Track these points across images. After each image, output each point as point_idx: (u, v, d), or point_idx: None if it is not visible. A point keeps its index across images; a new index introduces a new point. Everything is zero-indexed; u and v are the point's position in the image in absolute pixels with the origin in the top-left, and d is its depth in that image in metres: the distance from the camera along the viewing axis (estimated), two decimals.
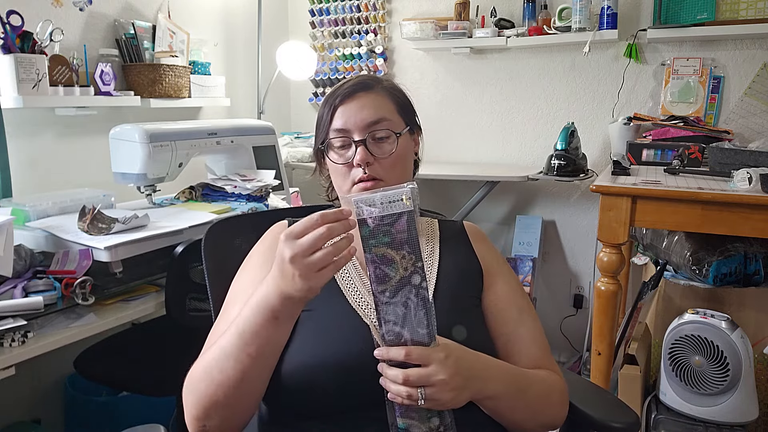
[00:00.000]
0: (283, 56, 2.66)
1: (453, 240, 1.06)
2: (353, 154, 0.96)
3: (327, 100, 1.00)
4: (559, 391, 0.95)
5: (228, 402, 0.81)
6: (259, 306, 0.79)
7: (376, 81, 1.01)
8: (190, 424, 0.84)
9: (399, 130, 0.99)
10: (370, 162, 0.96)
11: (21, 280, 1.37)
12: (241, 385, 0.80)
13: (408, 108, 1.04)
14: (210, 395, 0.81)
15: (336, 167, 0.99)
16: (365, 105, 0.97)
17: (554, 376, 0.95)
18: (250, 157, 2.05)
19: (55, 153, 2.02)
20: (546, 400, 0.92)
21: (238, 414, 0.83)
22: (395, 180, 0.98)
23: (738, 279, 1.87)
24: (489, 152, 2.75)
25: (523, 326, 0.98)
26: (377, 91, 1.00)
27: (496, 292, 1.01)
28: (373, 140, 0.97)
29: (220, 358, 0.81)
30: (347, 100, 0.97)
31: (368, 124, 0.96)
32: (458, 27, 2.54)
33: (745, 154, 1.72)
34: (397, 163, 0.98)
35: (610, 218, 1.61)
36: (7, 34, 1.72)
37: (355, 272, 0.98)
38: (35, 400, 1.97)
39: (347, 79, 1.02)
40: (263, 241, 1.05)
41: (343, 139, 0.97)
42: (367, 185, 0.96)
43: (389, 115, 0.99)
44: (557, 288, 2.69)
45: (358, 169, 0.96)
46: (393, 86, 1.03)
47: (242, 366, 0.79)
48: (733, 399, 1.65)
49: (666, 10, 2.23)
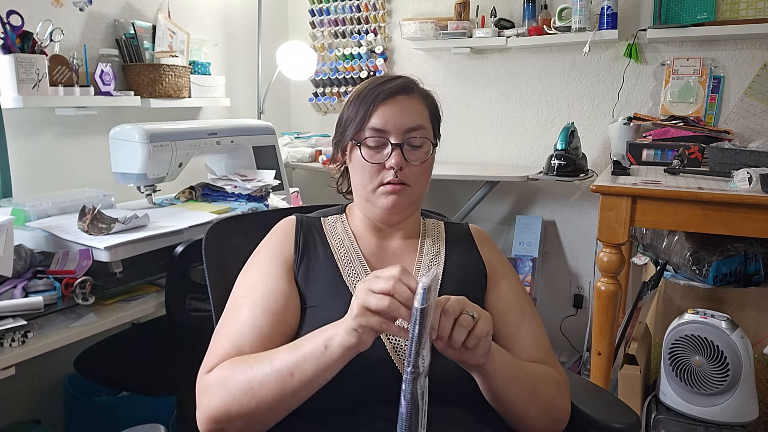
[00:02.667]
0: (283, 56, 2.66)
1: (458, 242, 1.07)
2: (387, 155, 0.97)
3: (365, 97, 0.99)
4: (556, 379, 0.95)
5: (257, 415, 0.81)
6: (319, 345, 0.79)
7: (415, 85, 1.02)
8: (206, 421, 0.83)
9: (433, 139, 1.01)
10: (403, 167, 0.97)
11: (21, 280, 1.37)
12: (278, 404, 0.81)
13: (438, 116, 1.06)
14: (244, 405, 0.81)
15: (365, 165, 0.98)
16: (405, 109, 0.98)
17: (551, 368, 0.96)
18: (250, 157, 2.05)
19: (55, 153, 2.02)
20: (541, 378, 0.92)
21: (259, 426, 0.84)
22: (421, 187, 1.01)
23: (738, 279, 1.87)
24: (489, 152, 2.75)
25: (524, 329, 0.99)
26: (416, 97, 1.01)
27: (499, 294, 1.01)
28: (409, 146, 0.98)
29: (268, 374, 0.80)
30: (388, 100, 0.97)
31: (408, 129, 0.97)
32: (458, 27, 2.54)
33: (745, 154, 1.72)
34: (425, 171, 1.01)
35: (610, 218, 1.61)
36: (7, 34, 1.72)
37: (361, 268, 0.98)
38: (35, 400, 1.97)
39: (385, 77, 1.03)
40: (271, 236, 1.05)
41: (379, 139, 0.97)
42: (396, 188, 0.97)
43: (425, 123, 1.00)
44: (557, 288, 2.69)
45: (389, 171, 0.97)
46: (428, 93, 1.04)
47: (287, 391, 0.80)
48: (733, 399, 1.65)
49: (666, 10, 2.23)
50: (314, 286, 0.97)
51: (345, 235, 1.05)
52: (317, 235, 1.04)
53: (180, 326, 1.46)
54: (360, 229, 1.05)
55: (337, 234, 1.05)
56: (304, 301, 0.95)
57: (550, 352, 0.99)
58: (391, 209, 0.99)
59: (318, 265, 0.99)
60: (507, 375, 0.86)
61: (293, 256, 1.00)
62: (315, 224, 1.07)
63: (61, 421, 2.04)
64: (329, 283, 0.96)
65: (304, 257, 1.00)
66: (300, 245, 1.01)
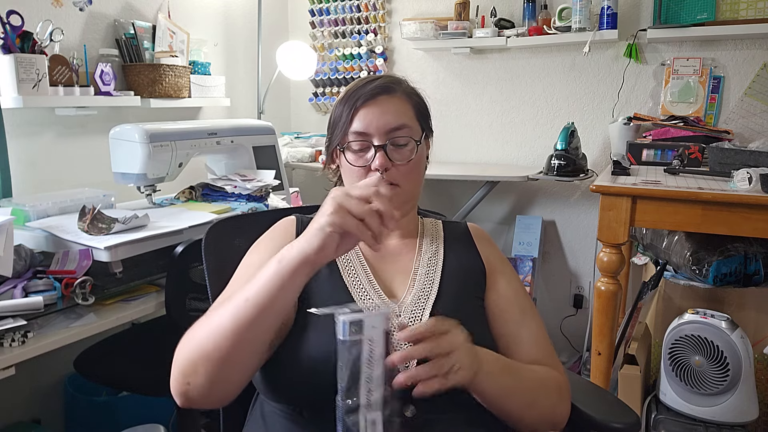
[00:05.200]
0: (283, 56, 2.66)
1: (457, 240, 1.07)
2: (371, 157, 0.96)
3: (347, 100, 0.99)
4: (557, 383, 0.94)
5: (215, 358, 0.77)
6: (273, 263, 0.76)
7: (398, 84, 1.01)
8: (175, 383, 0.80)
9: (418, 137, 1.00)
10: (389, 167, 0.96)
11: (21, 280, 1.37)
12: (235, 340, 0.76)
13: (425, 113, 1.04)
14: (203, 347, 0.77)
15: (352, 169, 0.98)
16: (387, 110, 0.97)
17: (553, 371, 0.95)
18: (250, 157, 2.05)
19: (55, 153, 2.02)
20: (541, 386, 0.91)
21: (223, 377, 0.79)
22: (412, 185, 1.00)
23: (738, 279, 1.87)
24: (489, 152, 2.75)
25: (525, 328, 0.98)
26: (399, 95, 0.99)
27: (498, 292, 1.01)
28: (393, 146, 0.97)
29: (226, 307, 0.78)
30: (369, 102, 0.97)
31: (390, 129, 0.96)
32: (458, 27, 2.54)
33: (745, 154, 1.72)
34: (414, 169, 0.99)
35: (610, 218, 1.61)
36: (7, 34, 1.72)
37: (360, 268, 0.98)
38: (35, 400, 1.97)
39: (367, 78, 1.01)
40: (271, 232, 1.05)
41: (362, 143, 0.97)
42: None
43: (409, 122, 0.99)
44: (557, 288, 2.69)
45: (375, 173, 0.96)
46: (413, 90, 1.03)
47: (241, 319, 0.76)
48: (733, 399, 1.65)
49: (666, 10, 2.23)
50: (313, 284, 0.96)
51: None
52: None
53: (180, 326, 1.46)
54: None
55: None
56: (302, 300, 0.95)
57: (551, 352, 0.99)
58: None
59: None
60: (503, 388, 0.86)
61: None
62: None
63: (61, 421, 2.04)
64: (328, 284, 0.96)
65: None
66: None
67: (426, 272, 0.99)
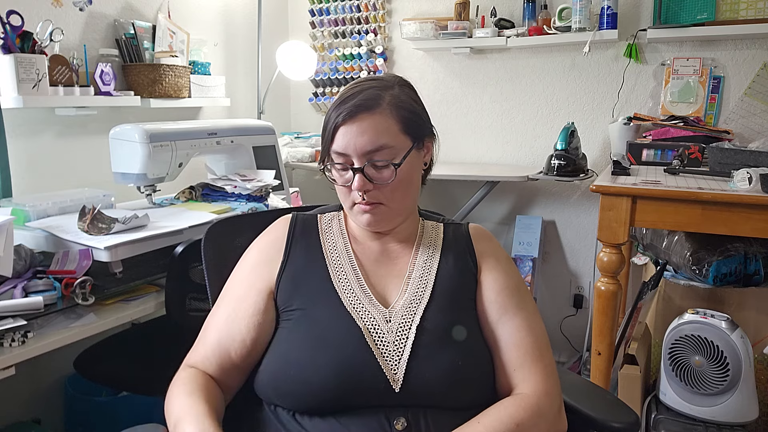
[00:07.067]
0: (283, 56, 2.66)
1: (455, 242, 1.04)
2: (351, 178, 0.94)
3: (329, 117, 0.95)
4: (536, 411, 0.86)
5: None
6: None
7: (381, 98, 0.94)
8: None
9: (400, 158, 0.94)
10: (369, 189, 0.94)
11: (21, 280, 1.36)
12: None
13: (415, 122, 0.97)
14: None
15: (337, 185, 0.98)
16: (366, 129, 0.92)
17: (526, 403, 0.87)
18: (250, 157, 2.05)
19: (55, 153, 2.02)
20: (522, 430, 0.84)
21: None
22: (398, 202, 0.97)
23: (738, 279, 1.87)
24: (489, 152, 2.75)
25: (504, 327, 0.94)
26: (381, 111, 0.93)
27: (481, 292, 0.98)
28: (373, 168, 0.93)
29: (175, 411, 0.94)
30: (348, 120, 0.92)
31: (367, 151, 0.92)
32: (458, 27, 2.54)
33: (745, 154, 1.72)
34: (398, 188, 0.95)
35: (610, 218, 1.61)
36: (7, 34, 1.71)
37: (352, 272, 0.98)
38: (35, 400, 1.97)
39: (354, 87, 0.96)
40: (265, 235, 1.05)
41: (343, 163, 0.94)
42: (365, 209, 0.95)
43: (391, 140, 0.93)
44: (557, 288, 2.69)
45: (356, 192, 0.94)
46: (399, 101, 0.95)
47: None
48: (733, 399, 1.65)
49: (666, 10, 2.23)
50: (303, 288, 0.96)
51: (339, 236, 1.04)
52: (311, 236, 1.03)
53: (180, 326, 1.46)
54: (355, 230, 1.04)
55: (332, 234, 1.04)
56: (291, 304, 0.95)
57: (537, 354, 0.92)
58: (369, 226, 0.98)
59: (308, 267, 0.99)
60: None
61: (281, 258, 1.00)
62: (311, 223, 1.06)
63: (61, 421, 2.04)
64: (318, 287, 0.95)
65: (293, 260, 0.99)
66: (290, 247, 1.01)
67: (420, 276, 0.98)
